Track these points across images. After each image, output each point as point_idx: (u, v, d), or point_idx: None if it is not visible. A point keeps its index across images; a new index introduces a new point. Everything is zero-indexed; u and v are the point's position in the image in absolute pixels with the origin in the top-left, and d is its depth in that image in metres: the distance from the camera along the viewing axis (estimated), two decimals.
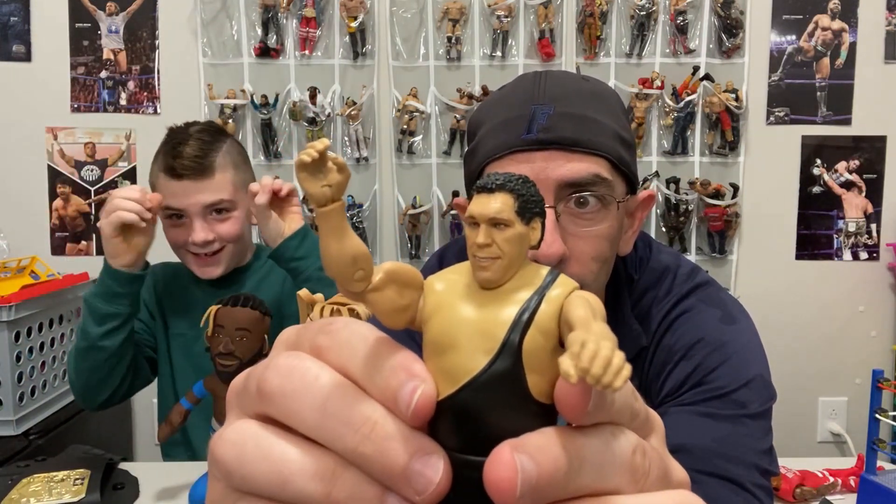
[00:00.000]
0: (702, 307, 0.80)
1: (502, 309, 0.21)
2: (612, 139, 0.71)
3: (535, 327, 0.21)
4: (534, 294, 0.21)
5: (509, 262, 0.21)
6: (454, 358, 0.21)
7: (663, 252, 0.87)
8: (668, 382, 0.77)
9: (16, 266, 1.67)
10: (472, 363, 0.20)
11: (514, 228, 0.21)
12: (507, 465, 0.19)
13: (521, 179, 0.22)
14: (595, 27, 1.92)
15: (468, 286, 0.22)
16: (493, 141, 0.72)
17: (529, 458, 0.19)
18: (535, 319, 0.21)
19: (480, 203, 0.21)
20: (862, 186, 2.01)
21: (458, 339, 0.21)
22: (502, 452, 0.19)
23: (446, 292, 0.22)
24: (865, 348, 2.03)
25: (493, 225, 0.21)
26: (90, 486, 0.98)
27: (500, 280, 0.21)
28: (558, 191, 0.69)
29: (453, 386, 0.21)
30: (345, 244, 0.22)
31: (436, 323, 0.22)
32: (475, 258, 0.21)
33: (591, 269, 0.71)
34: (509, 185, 0.21)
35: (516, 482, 0.19)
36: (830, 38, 1.97)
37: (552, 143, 0.69)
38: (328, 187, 0.21)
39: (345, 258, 0.22)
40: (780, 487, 1.05)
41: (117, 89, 1.97)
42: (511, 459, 0.19)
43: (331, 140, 1.96)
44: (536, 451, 0.19)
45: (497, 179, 0.22)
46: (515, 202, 0.21)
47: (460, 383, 0.21)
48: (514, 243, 0.21)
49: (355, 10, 1.91)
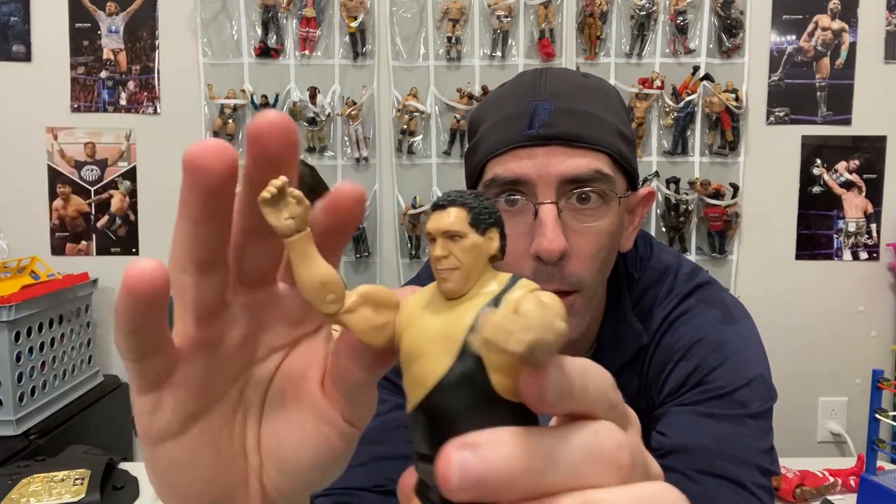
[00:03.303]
0: (702, 307, 0.80)
1: (462, 315, 0.22)
2: (613, 135, 0.71)
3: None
4: (493, 299, 0.22)
5: (468, 272, 0.22)
6: (421, 365, 0.22)
7: (664, 251, 0.87)
8: (668, 382, 0.77)
9: (16, 266, 1.67)
10: (437, 367, 0.21)
11: (468, 239, 0.22)
12: (445, 459, 0.20)
13: (472, 194, 0.23)
14: (595, 27, 1.92)
15: (435, 298, 0.23)
16: (494, 137, 0.72)
17: (474, 453, 0.19)
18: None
19: (435, 219, 0.23)
20: (862, 186, 2.01)
21: (425, 347, 0.22)
22: (445, 448, 0.20)
23: (415, 307, 0.23)
24: (865, 348, 2.03)
25: (449, 237, 0.22)
26: (90, 486, 0.98)
27: (461, 289, 0.22)
28: (560, 186, 0.69)
29: (423, 391, 0.22)
30: (313, 270, 0.23)
31: (407, 336, 0.23)
32: (437, 271, 0.23)
33: (593, 265, 0.71)
34: (461, 200, 0.23)
35: (452, 477, 0.19)
36: (830, 38, 1.97)
37: (554, 138, 0.69)
38: (291, 220, 0.23)
39: (314, 283, 0.23)
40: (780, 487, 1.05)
41: (117, 89, 1.97)
42: (449, 455, 0.20)
43: (330, 140, 1.96)
44: (484, 446, 0.20)
45: (449, 196, 0.23)
46: (468, 214, 0.22)
47: (428, 388, 0.22)
48: (469, 253, 0.22)
49: (355, 10, 1.91)
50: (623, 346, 0.81)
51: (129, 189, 1.99)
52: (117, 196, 1.99)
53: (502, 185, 0.71)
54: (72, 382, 1.72)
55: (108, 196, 1.99)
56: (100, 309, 1.94)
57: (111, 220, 2.00)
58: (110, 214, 2.00)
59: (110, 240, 2.00)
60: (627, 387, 0.82)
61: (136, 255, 2.00)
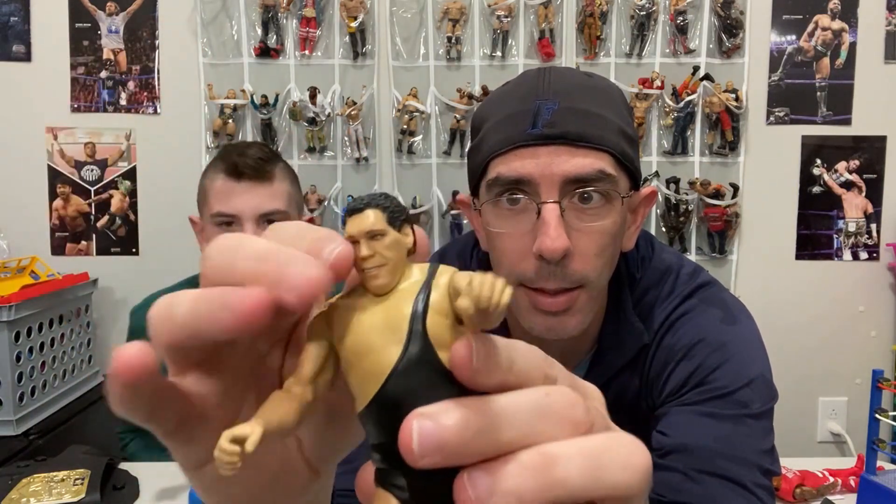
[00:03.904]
0: (704, 307, 0.80)
1: (400, 305, 0.23)
2: (616, 134, 0.71)
3: (433, 310, 0.23)
4: (423, 286, 0.24)
5: (394, 266, 0.24)
6: (370, 358, 0.23)
7: (665, 251, 0.87)
8: (669, 382, 0.77)
9: (16, 266, 1.67)
10: (388, 357, 0.23)
11: (389, 236, 0.24)
12: (405, 431, 0.21)
13: (382, 195, 0.24)
14: (595, 27, 1.92)
15: (365, 299, 0.24)
16: (497, 136, 0.72)
17: (430, 420, 0.21)
18: (430, 304, 0.23)
19: (355, 223, 0.24)
20: (862, 186, 2.01)
21: (370, 341, 0.23)
22: (404, 422, 0.21)
23: (348, 312, 0.24)
24: (865, 348, 2.03)
25: (371, 237, 0.24)
26: (90, 486, 0.98)
27: (391, 283, 0.24)
28: (563, 186, 0.69)
29: (377, 383, 0.23)
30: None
31: (348, 339, 0.24)
32: (364, 271, 0.24)
33: (595, 265, 0.71)
34: (375, 202, 0.24)
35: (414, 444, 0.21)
36: (830, 38, 1.97)
37: (557, 137, 0.69)
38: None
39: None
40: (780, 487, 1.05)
41: (117, 89, 1.97)
42: (409, 425, 0.21)
43: (331, 140, 1.96)
44: (438, 413, 0.21)
45: (363, 200, 0.24)
46: (384, 214, 0.24)
47: (382, 378, 0.23)
48: (392, 249, 0.24)
49: (355, 10, 1.91)
50: (624, 346, 0.81)
51: (129, 189, 1.99)
52: (117, 196, 1.99)
53: (505, 185, 0.71)
54: (72, 382, 1.72)
55: (108, 196, 1.99)
56: (100, 309, 1.94)
57: (111, 220, 2.00)
58: (110, 214, 1.99)
59: (110, 240, 2.00)
60: (628, 386, 0.82)
61: (136, 255, 2.00)
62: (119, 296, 1.98)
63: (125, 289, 1.97)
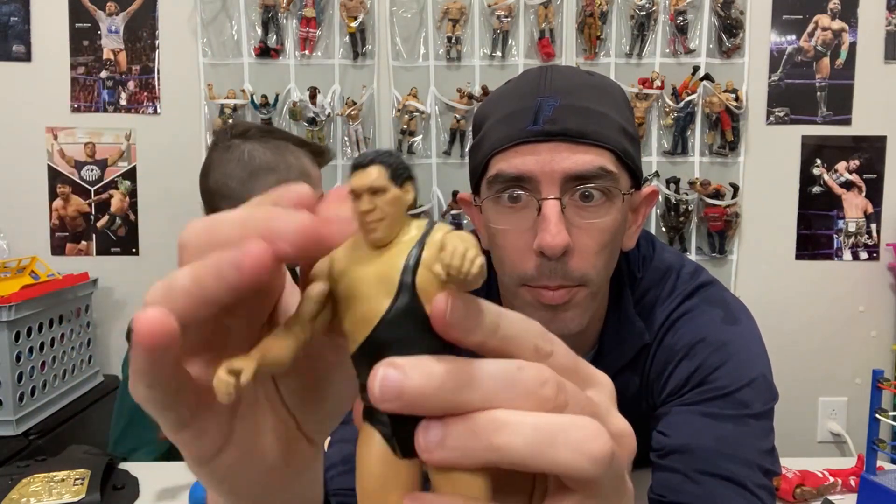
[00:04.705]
0: (704, 307, 0.80)
1: (394, 259, 0.24)
2: (617, 132, 0.71)
3: (423, 266, 0.24)
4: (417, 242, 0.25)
5: (392, 221, 0.25)
6: (363, 306, 0.24)
7: (666, 251, 0.87)
8: (670, 382, 0.77)
9: (16, 266, 1.67)
10: (379, 306, 0.24)
11: (390, 192, 0.24)
12: (372, 375, 0.22)
13: (387, 153, 0.25)
14: (595, 27, 1.92)
15: (362, 249, 0.25)
16: (498, 133, 0.72)
17: (395, 370, 0.22)
18: (422, 260, 0.24)
19: (358, 177, 0.25)
20: (862, 186, 2.01)
21: (364, 290, 0.25)
22: (374, 367, 0.22)
23: (346, 258, 0.26)
24: (865, 348, 2.03)
25: (373, 193, 0.24)
26: (90, 486, 0.98)
27: (388, 237, 0.25)
28: (564, 183, 0.68)
29: (367, 329, 0.24)
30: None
31: (343, 284, 0.25)
32: (364, 224, 0.25)
33: (595, 262, 0.71)
34: (380, 159, 0.25)
35: (375, 388, 0.22)
36: (830, 38, 1.97)
37: (558, 134, 0.69)
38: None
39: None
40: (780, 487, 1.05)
41: (117, 89, 1.97)
42: (376, 371, 0.22)
43: (331, 140, 1.96)
44: (406, 365, 0.22)
45: (368, 155, 0.25)
46: (387, 171, 0.24)
47: (372, 324, 0.24)
48: (392, 205, 0.24)
49: (355, 10, 1.91)
50: (625, 345, 0.81)
51: (129, 189, 1.99)
52: (117, 196, 1.99)
53: (506, 181, 0.71)
54: (72, 382, 1.72)
55: (108, 196, 1.99)
56: (100, 309, 1.94)
57: (111, 220, 2.00)
58: (110, 214, 1.99)
59: (110, 240, 2.00)
60: (629, 386, 0.82)
61: (136, 255, 2.00)
62: (119, 296, 1.98)
63: (125, 289, 1.97)
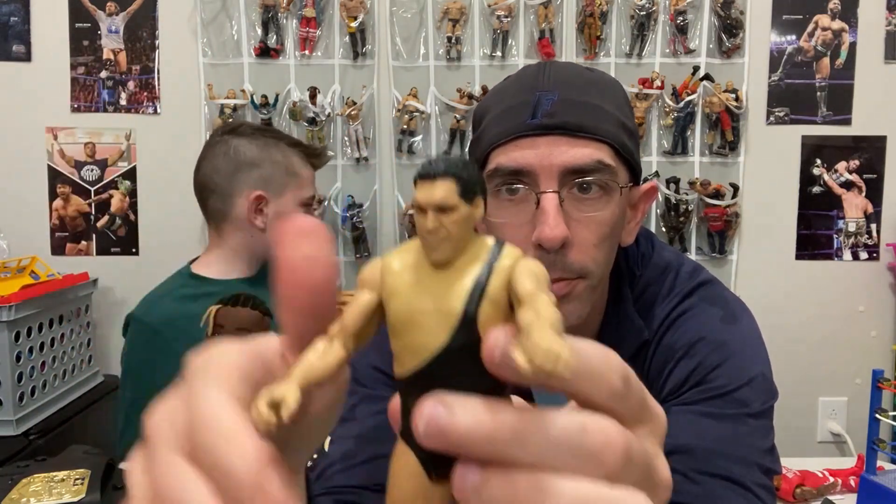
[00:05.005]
0: (704, 306, 0.80)
1: (456, 285, 0.22)
2: (616, 126, 0.72)
3: (487, 299, 0.22)
4: (483, 267, 0.22)
5: (458, 241, 0.22)
6: (416, 335, 0.22)
7: (666, 249, 0.88)
8: (669, 381, 0.77)
9: (16, 266, 1.67)
10: (435, 339, 0.22)
11: (459, 211, 0.22)
12: (419, 408, 0.21)
13: (461, 162, 0.22)
14: (595, 27, 1.92)
15: (422, 265, 0.23)
16: (497, 127, 0.72)
17: (445, 409, 0.21)
18: (487, 292, 0.22)
19: (425, 191, 0.22)
20: (862, 186, 2.01)
21: (418, 317, 0.22)
22: (424, 399, 0.21)
23: (402, 273, 0.23)
24: (865, 348, 2.03)
25: (440, 210, 0.22)
26: (90, 486, 0.98)
27: (451, 258, 0.23)
28: (562, 176, 0.69)
29: (420, 360, 0.22)
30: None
31: (396, 304, 0.23)
32: (426, 242, 0.23)
33: (595, 255, 0.71)
34: (450, 171, 0.22)
35: (420, 424, 0.21)
36: (830, 38, 1.97)
37: (556, 128, 0.69)
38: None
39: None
40: (780, 487, 1.05)
41: (117, 89, 1.97)
42: (423, 405, 0.21)
43: (331, 140, 1.96)
44: (456, 405, 0.21)
45: (438, 166, 0.22)
46: (458, 186, 0.22)
47: (427, 357, 0.22)
48: (460, 224, 0.22)
49: (355, 10, 1.91)
50: (624, 342, 0.81)
51: (129, 189, 1.99)
52: (117, 196, 1.99)
53: (505, 175, 0.71)
54: (72, 382, 1.72)
55: (108, 196, 1.99)
56: (100, 309, 1.94)
57: (111, 220, 2.00)
58: (110, 214, 1.99)
59: (110, 240, 2.00)
60: None
61: (136, 255, 2.00)
62: (119, 296, 1.98)
63: (125, 289, 1.97)
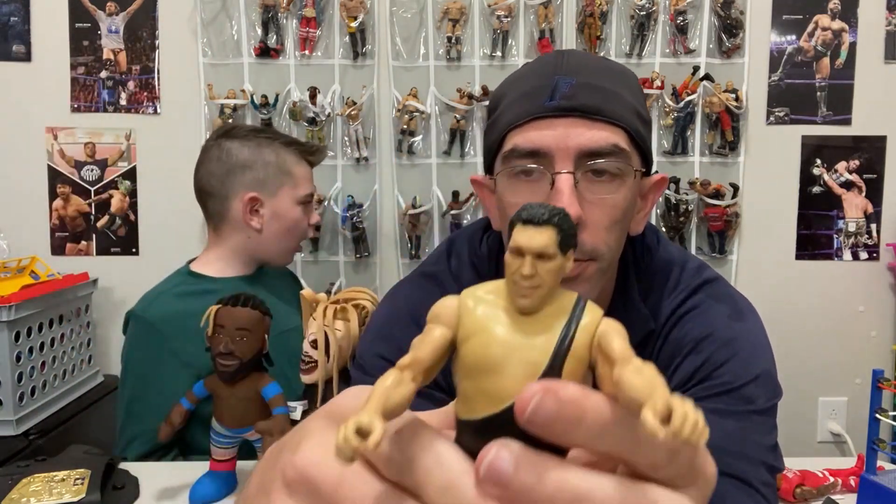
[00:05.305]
0: (711, 303, 0.81)
1: (542, 336, 0.22)
2: (631, 113, 0.73)
3: (572, 356, 0.22)
4: (568, 322, 0.23)
5: (548, 291, 0.23)
6: (497, 381, 0.22)
7: (671, 245, 0.89)
8: (675, 376, 0.78)
9: (16, 266, 1.67)
10: (515, 388, 0.21)
11: (555, 261, 0.23)
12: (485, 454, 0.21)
13: (562, 214, 0.23)
14: (595, 27, 1.92)
15: (505, 310, 0.23)
16: (515, 110, 0.73)
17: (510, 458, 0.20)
18: (572, 348, 0.22)
19: (528, 236, 0.22)
20: (862, 186, 2.01)
21: (501, 363, 0.22)
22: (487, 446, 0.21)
23: (484, 316, 0.23)
24: (865, 348, 2.03)
25: (538, 257, 0.22)
26: (90, 486, 0.98)
27: (537, 308, 0.23)
28: (578, 158, 0.70)
29: (495, 407, 0.22)
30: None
31: (475, 345, 0.23)
32: (517, 286, 0.23)
33: (606, 238, 0.72)
34: (554, 220, 0.23)
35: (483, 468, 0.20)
36: (830, 38, 1.97)
37: (574, 110, 0.70)
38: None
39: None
40: (781, 487, 1.05)
41: (117, 89, 1.97)
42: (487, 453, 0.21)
43: (331, 140, 1.96)
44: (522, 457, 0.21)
45: (543, 214, 0.23)
46: (558, 236, 0.23)
47: (503, 406, 0.22)
48: (554, 274, 0.23)
49: (355, 10, 1.91)
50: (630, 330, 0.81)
51: (129, 189, 1.99)
52: (117, 196, 1.99)
53: (521, 156, 0.72)
54: (72, 382, 1.72)
55: (108, 196, 1.99)
56: (100, 309, 1.94)
57: (111, 220, 2.00)
58: (110, 214, 2.00)
59: (110, 240, 2.00)
60: None
61: (136, 255, 2.00)
62: (119, 296, 1.98)
63: (125, 289, 1.97)
